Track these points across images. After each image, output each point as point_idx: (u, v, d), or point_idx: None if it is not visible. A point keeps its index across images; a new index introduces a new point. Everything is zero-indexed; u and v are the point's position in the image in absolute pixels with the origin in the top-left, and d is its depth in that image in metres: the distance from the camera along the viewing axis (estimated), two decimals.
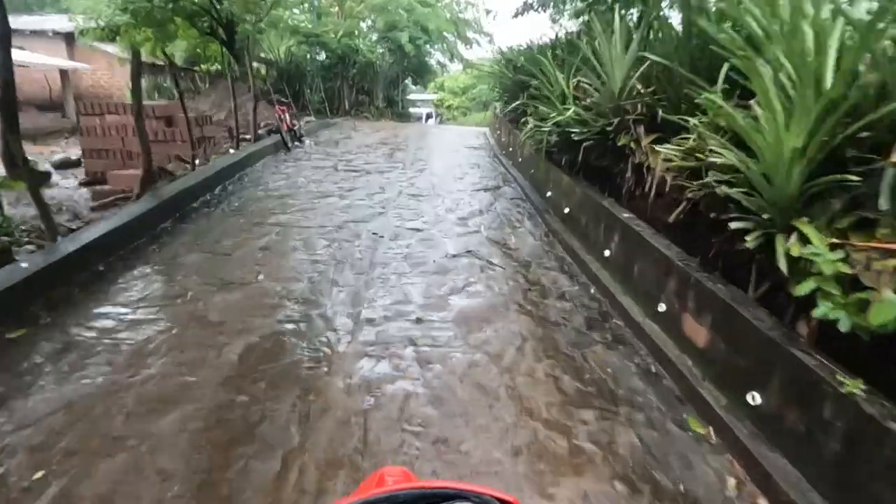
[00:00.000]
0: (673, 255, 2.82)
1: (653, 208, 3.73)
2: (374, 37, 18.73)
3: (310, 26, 16.70)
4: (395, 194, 6.16)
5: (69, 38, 18.01)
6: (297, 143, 9.52)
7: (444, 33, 18.97)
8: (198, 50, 18.26)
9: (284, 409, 2.25)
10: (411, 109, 28.98)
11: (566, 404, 2.37)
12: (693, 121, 2.96)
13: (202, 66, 18.28)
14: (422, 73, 21.47)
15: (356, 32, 17.18)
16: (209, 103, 13.67)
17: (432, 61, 21.71)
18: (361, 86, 17.97)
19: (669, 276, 2.79)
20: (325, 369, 2.58)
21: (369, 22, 18.69)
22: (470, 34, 21.97)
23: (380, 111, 18.54)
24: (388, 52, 19.22)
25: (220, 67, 17.99)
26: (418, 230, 4.88)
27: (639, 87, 4.15)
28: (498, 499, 0.50)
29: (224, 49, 17.08)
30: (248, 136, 9.06)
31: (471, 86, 38.22)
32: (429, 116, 33.05)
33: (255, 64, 18.74)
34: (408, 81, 21.74)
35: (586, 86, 4.70)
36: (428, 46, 19.28)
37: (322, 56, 17.58)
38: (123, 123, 8.65)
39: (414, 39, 17.30)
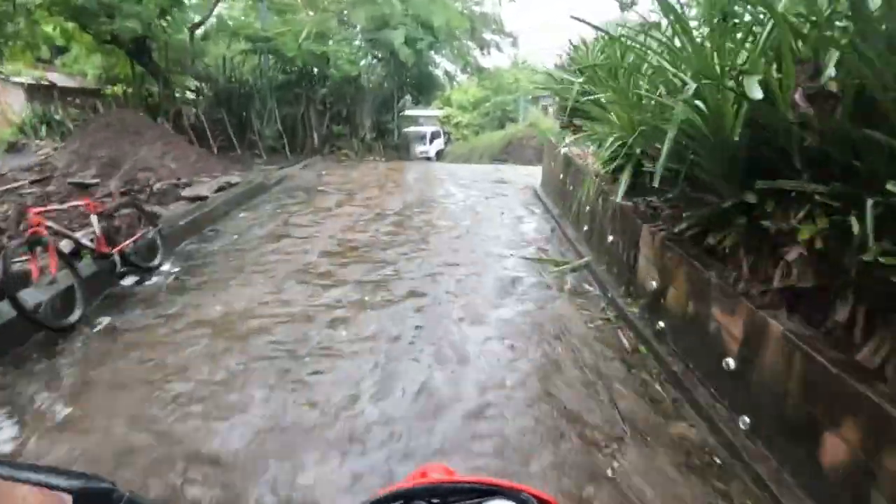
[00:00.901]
0: None
1: None
2: (359, 41, 13.24)
3: (256, 26, 11.29)
4: None
5: None
6: (144, 275, 3.98)
7: (456, 32, 13.47)
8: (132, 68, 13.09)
9: None
10: (413, 129, 23.49)
11: None
12: None
13: (112, 88, 12.92)
14: (426, 87, 15.74)
15: (329, 34, 11.72)
16: (71, 155, 8.17)
17: (439, 72, 16.06)
18: (338, 111, 12.47)
19: None
20: None
21: (354, 23, 13.21)
22: (487, 35, 16.50)
23: (366, 146, 13.01)
24: (379, 62, 13.75)
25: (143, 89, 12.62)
26: None
27: None
28: (536, 497, 0.50)
29: (134, 63, 11.73)
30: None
31: (483, 99, 32.69)
32: (434, 137, 26.92)
33: (186, 83, 13.42)
34: (407, 99, 15.99)
35: None
36: (432, 52, 13.72)
37: (280, 69, 12.11)
38: None
39: (412, 41, 11.77)
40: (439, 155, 24.45)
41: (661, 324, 3.15)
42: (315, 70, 11.90)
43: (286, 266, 4.45)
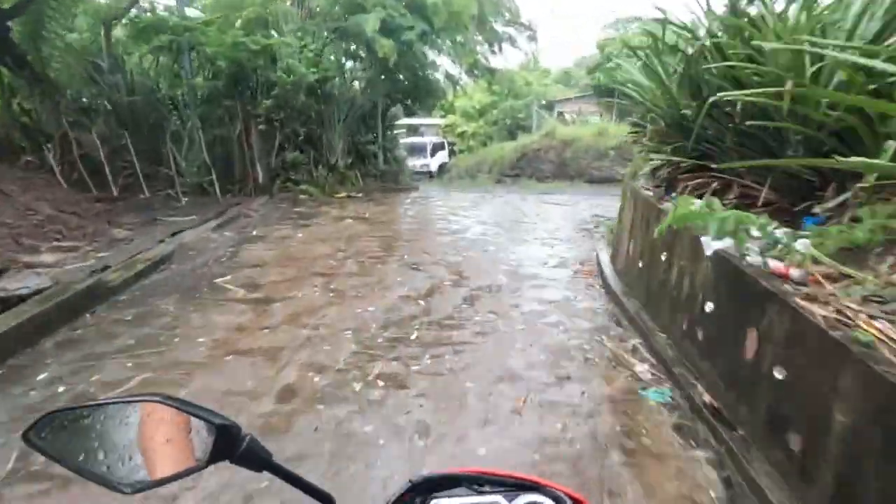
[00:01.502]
0: None
1: None
2: (326, 33, 9.66)
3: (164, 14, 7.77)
4: None
5: None
6: None
7: (460, 21, 9.85)
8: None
9: None
10: (411, 139, 19.70)
11: None
12: None
13: None
14: (422, 95, 11.97)
15: (275, 22, 8.18)
16: None
17: (438, 75, 12.24)
18: (293, 130, 8.88)
19: None
20: None
21: (315, 8, 9.59)
22: (499, 27, 12.88)
23: (338, 176, 9.39)
24: (357, 63, 10.20)
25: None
26: None
27: None
28: (569, 496, 0.54)
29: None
30: None
31: (490, 105, 28.78)
32: (436, 148, 22.87)
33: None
34: (398, 110, 12.14)
35: None
36: (427, 48, 10.08)
37: (210, 73, 8.55)
38: None
39: (396, 31, 8.20)
40: (442, 169, 20.75)
41: None
42: (259, 73, 8.33)
43: None
